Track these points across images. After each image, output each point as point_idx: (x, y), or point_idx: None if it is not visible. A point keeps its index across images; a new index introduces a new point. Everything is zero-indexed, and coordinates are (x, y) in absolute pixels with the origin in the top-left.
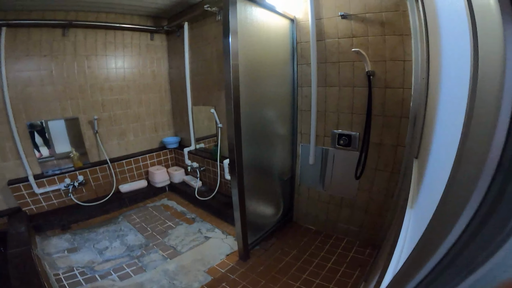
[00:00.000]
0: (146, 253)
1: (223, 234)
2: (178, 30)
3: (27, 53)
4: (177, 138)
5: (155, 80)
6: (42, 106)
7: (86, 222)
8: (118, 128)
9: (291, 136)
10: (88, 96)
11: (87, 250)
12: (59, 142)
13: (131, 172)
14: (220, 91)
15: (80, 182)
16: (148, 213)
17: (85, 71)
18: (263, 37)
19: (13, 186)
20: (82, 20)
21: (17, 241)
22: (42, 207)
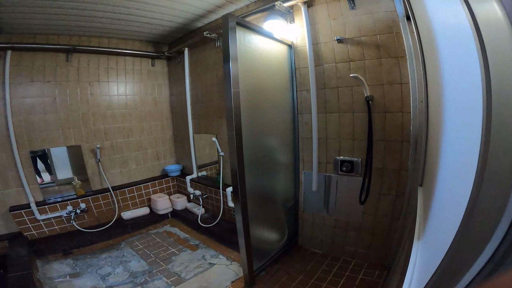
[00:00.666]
0: (150, 280)
1: (228, 260)
2: (178, 56)
3: (31, 79)
4: (179, 166)
5: (156, 107)
6: (44, 134)
7: (88, 247)
8: (120, 157)
9: (293, 163)
10: (90, 124)
11: (90, 275)
12: (61, 169)
13: (133, 199)
14: (221, 118)
15: (82, 209)
16: (151, 239)
17: (88, 98)
18: (262, 64)
19: (14, 212)
20: (85, 46)
21: (17, 265)
22: (44, 232)
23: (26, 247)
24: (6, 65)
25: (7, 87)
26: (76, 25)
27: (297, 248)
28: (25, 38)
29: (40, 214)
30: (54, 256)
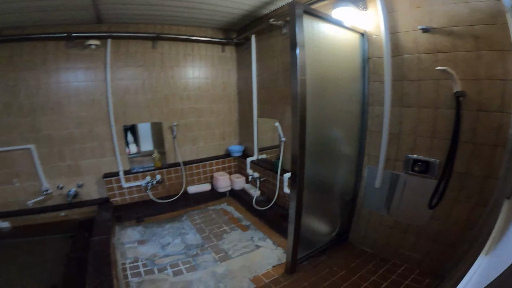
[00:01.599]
0: (200, 253)
1: (274, 245)
2: (246, 43)
3: (126, 64)
4: (241, 147)
5: (225, 91)
6: (135, 111)
7: (157, 217)
8: (191, 134)
9: (357, 156)
10: (170, 104)
11: (153, 243)
12: (145, 142)
13: (198, 175)
14: (286, 105)
15: (157, 180)
16: (208, 215)
17: (169, 81)
18: (330, 52)
19: (106, 179)
20: (167, 33)
21: (101, 229)
22: (125, 199)
23: (110, 213)
24: (108, 51)
25: (108, 71)
26: (159, 14)
27: (346, 244)
28: (121, 27)
29: (126, 182)
30: (129, 223)
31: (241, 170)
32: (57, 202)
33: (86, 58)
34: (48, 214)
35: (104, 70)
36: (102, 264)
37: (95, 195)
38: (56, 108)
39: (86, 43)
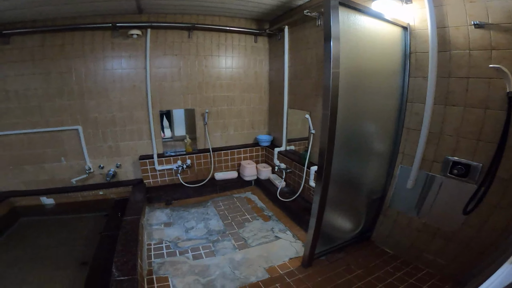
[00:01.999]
0: (221, 240)
1: (293, 237)
2: (278, 34)
3: (164, 52)
4: (270, 137)
5: (256, 81)
6: (171, 98)
7: (184, 201)
8: (222, 122)
9: (389, 154)
10: (203, 92)
11: (178, 227)
12: (178, 127)
13: (226, 162)
14: (317, 97)
15: (187, 165)
16: (232, 202)
17: (203, 69)
18: (368, 46)
19: (142, 161)
20: (202, 24)
21: (133, 210)
22: (157, 182)
23: (142, 194)
24: (147, 41)
25: (147, 59)
26: (195, 5)
27: (368, 243)
28: (159, 18)
29: (159, 165)
30: (158, 205)
31: (268, 160)
32: (97, 181)
33: (129, 47)
34: (88, 192)
35: (144, 58)
36: (130, 244)
37: (131, 176)
38: (102, 93)
39: (129, 33)
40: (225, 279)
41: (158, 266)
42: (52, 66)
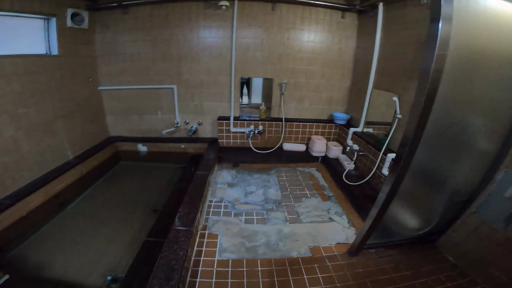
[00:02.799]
0: (275, 209)
1: (348, 223)
2: (371, 10)
3: (248, 24)
4: (346, 116)
5: (340, 57)
6: (252, 66)
7: (250, 165)
8: (298, 94)
9: (494, 155)
10: (283, 63)
11: (239, 189)
12: (255, 95)
13: (296, 134)
14: (411, 80)
15: (259, 131)
16: (295, 175)
17: (284, 42)
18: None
19: (219, 121)
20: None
21: (204, 166)
22: (229, 143)
23: (215, 153)
24: (234, 12)
25: (234, 29)
26: None
27: (429, 246)
28: None
29: (233, 127)
30: (226, 165)
31: (340, 139)
32: (181, 135)
33: (218, 18)
34: (173, 144)
35: (231, 28)
36: (195, 198)
37: (208, 134)
38: (194, 58)
39: (219, 4)
40: (268, 248)
41: (213, 223)
42: (158, 34)
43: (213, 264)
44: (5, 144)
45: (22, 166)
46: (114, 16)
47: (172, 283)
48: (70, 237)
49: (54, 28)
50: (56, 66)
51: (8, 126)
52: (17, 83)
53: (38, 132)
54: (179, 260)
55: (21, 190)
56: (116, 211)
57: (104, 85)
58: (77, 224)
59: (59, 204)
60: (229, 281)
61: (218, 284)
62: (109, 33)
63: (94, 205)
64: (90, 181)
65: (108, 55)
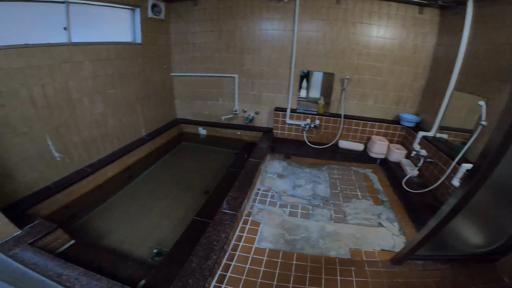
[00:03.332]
0: (321, 206)
1: (399, 231)
2: (457, 7)
3: (311, 17)
4: (416, 118)
5: (414, 54)
6: (313, 60)
7: (301, 158)
8: (361, 91)
9: None
10: (346, 58)
11: (288, 181)
12: (314, 89)
13: (355, 132)
14: (505, 83)
15: (315, 125)
16: (347, 174)
17: (349, 36)
18: None
19: (275, 112)
20: None
21: (257, 154)
22: (283, 134)
23: (268, 142)
24: (297, 5)
25: (295, 22)
26: None
27: (487, 265)
28: None
29: (289, 119)
30: (278, 156)
31: (405, 142)
32: (238, 122)
33: (280, 10)
34: (231, 130)
35: (293, 21)
36: (245, 184)
37: (264, 123)
38: (256, 49)
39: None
40: (307, 243)
41: (257, 211)
42: (224, 25)
43: (251, 251)
44: (95, 119)
45: (106, 138)
46: (186, 8)
47: (209, 263)
48: (131, 209)
49: (138, 18)
50: (139, 53)
51: (99, 103)
52: (109, 67)
53: (122, 110)
54: (220, 241)
55: (102, 160)
56: (173, 188)
57: (175, 71)
58: (138, 197)
59: (128, 176)
60: (262, 269)
61: (251, 270)
62: (181, 23)
63: (155, 181)
64: (156, 158)
65: (180, 44)
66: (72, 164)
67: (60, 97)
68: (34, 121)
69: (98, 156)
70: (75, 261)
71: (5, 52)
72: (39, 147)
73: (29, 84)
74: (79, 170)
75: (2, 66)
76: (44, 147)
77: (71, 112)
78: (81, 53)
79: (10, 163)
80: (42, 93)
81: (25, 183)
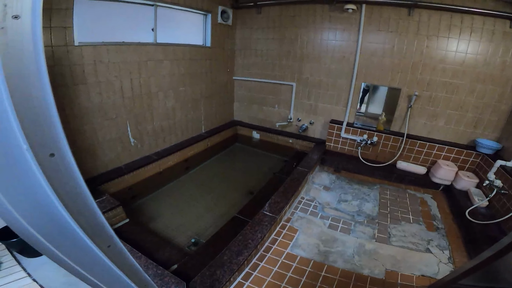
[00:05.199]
0: (365, 224)
1: (448, 259)
2: None
3: (378, 28)
4: (496, 145)
5: (502, 72)
6: (376, 73)
7: (352, 174)
8: (432, 110)
9: None
10: (417, 73)
11: (334, 194)
12: (374, 104)
13: (418, 154)
14: None
15: (372, 142)
16: (402, 197)
17: (422, 50)
18: None
19: (331, 124)
20: (427, 2)
21: (306, 164)
22: (336, 147)
23: (319, 154)
24: (362, 16)
25: (360, 33)
26: None
27: None
28: None
29: (344, 133)
30: (328, 168)
31: (478, 170)
32: (291, 130)
33: (344, 21)
34: (282, 137)
35: (357, 32)
36: (289, 190)
37: (317, 135)
38: (316, 59)
39: (345, 7)
40: (341, 257)
41: (297, 218)
42: (285, 33)
43: (282, 255)
44: (166, 111)
45: (172, 130)
46: (250, 15)
47: (240, 258)
48: (182, 197)
49: (209, 23)
50: (208, 56)
51: (171, 99)
52: (182, 67)
53: (188, 107)
54: (254, 240)
55: (166, 149)
56: (220, 184)
57: (237, 75)
58: (190, 188)
59: (185, 168)
60: (288, 274)
61: (277, 273)
62: (246, 29)
63: (207, 175)
64: (210, 154)
65: (243, 49)
66: (143, 150)
67: (142, 90)
68: (121, 109)
69: (164, 146)
70: (124, 239)
71: (108, 47)
72: (121, 132)
73: (121, 77)
74: (147, 156)
75: (104, 60)
76: (124, 132)
77: (148, 104)
78: (162, 53)
79: (97, 143)
80: (130, 86)
81: (103, 162)
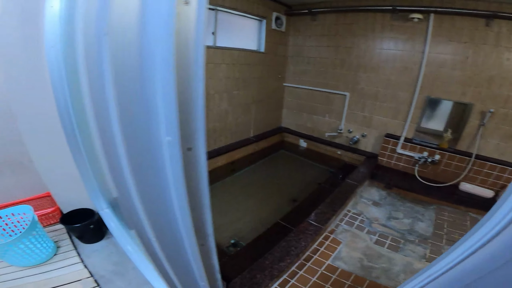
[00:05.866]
0: (415, 243)
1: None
2: None
3: (449, 39)
4: None
5: None
6: (444, 86)
7: (405, 192)
8: (508, 129)
9: None
10: (494, 88)
11: (384, 210)
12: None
13: (486, 176)
14: None
15: (432, 160)
16: (462, 219)
17: (502, 62)
18: None
19: (386, 138)
20: (507, 12)
21: (356, 177)
22: (390, 163)
23: (370, 168)
24: (429, 25)
25: (427, 43)
26: None
27: None
28: (444, 3)
29: (401, 148)
30: (378, 184)
31: None
32: (341, 142)
33: (408, 30)
34: (330, 148)
35: (423, 42)
36: (336, 202)
37: (369, 148)
38: (373, 69)
39: (409, 16)
40: (385, 274)
41: (341, 231)
42: (341, 41)
43: (322, 266)
44: (220, 113)
45: (223, 132)
46: (304, 22)
47: (281, 264)
48: (226, 198)
49: (264, 29)
50: (261, 61)
51: (225, 101)
52: (237, 71)
53: (239, 110)
54: (297, 248)
55: (216, 150)
56: (264, 189)
57: (288, 82)
58: (234, 190)
59: (231, 170)
60: (326, 286)
61: (315, 284)
62: (299, 36)
63: (251, 179)
64: (256, 159)
65: (295, 56)
66: None
67: None
68: None
69: (214, 146)
70: None
71: None
72: None
73: None
74: None
75: None
76: None
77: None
78: (220, 56)
79: None
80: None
81: None
